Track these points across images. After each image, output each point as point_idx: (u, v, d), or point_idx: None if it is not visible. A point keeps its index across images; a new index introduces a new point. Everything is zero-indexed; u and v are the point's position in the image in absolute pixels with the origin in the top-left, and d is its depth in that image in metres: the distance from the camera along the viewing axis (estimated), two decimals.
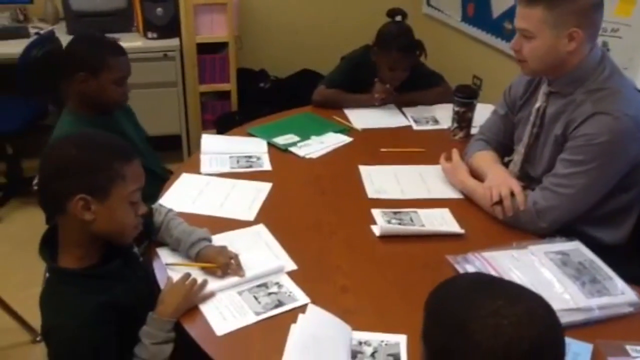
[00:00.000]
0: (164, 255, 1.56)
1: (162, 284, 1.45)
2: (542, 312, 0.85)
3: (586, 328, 1.31)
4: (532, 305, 0.85)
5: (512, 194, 1.68)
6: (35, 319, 2.16)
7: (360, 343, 1.28)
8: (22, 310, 2.40)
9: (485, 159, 1.92)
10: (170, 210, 1.64)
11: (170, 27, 3.52)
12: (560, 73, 1.68)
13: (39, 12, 3.77)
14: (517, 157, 1.85)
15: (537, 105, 1.77)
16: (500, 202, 1.69)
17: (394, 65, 2.42)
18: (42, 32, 3.45)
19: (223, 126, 3.52)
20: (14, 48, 3.13)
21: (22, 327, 2.40)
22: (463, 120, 2.27)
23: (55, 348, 1.27)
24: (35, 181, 1.79)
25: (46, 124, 3.44)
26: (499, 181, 1.74)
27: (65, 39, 3.36)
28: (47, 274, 1.36)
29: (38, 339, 2.40)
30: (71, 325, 1.24)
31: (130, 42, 3.50)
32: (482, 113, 2.24)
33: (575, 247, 1.55)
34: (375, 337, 1.29)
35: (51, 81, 3.31)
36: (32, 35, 3.42)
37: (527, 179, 1.83)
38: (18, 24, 3.69)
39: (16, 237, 3.02)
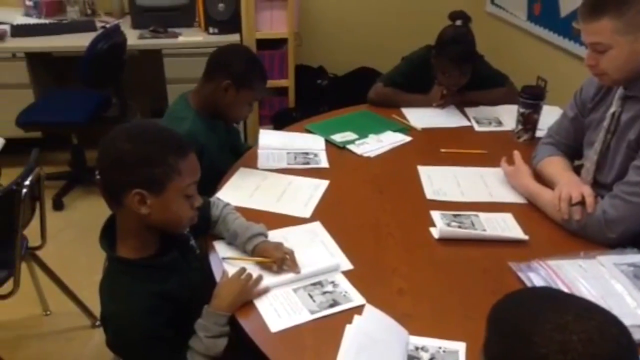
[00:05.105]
0: (221, 249, 1.57)
1: (218, 277, 1.46)
2: (615, 330, 0.80)
3: None
4: (604, 322, 0.80)
5: (583, 201, 1.61)
6: (95, 305, 2.24)
7: (417, 348, 1.24)
8: (84, 295, 2.48)
9: (556, 165, 1.85)
10: (227, 204, 1.65)
11: (231, 23, 3.56)
12: None
13: (106, 6, 3.90)
14: (589, 164, 1.76)
15: (612, 110, 1.68)
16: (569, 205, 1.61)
17: (446, 71, 2.37)
18: (108, 25, 3.55)
19: (279, 122, 3.54)
20: (82, 41, 3.23)
21: (82, 312, 2.48)
22: (528, 122, 2.19)
23: (112, 335, 1.29)
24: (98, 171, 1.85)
25: (109, 115, 3.55)
26: (570, 186, 1.67)
27: (129, 32, 3.48)
28: (106, 263, 1.39)
29: (97, 323, 2.47)
30: (127, 313, 1.26)
31: (192, 37, 3.56)
32: (547, 115, 2.17)
33: None
34: (433, 343, 1.25)
35: (115, 74, 3.42)
36: (99, 29, 3.53)
37: (597, 186, 1.74)
38: (86, 17, 3.82)
39: (79, 225, 3.12)
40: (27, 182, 1.99)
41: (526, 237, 1.62)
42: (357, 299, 1.38)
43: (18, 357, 2.34)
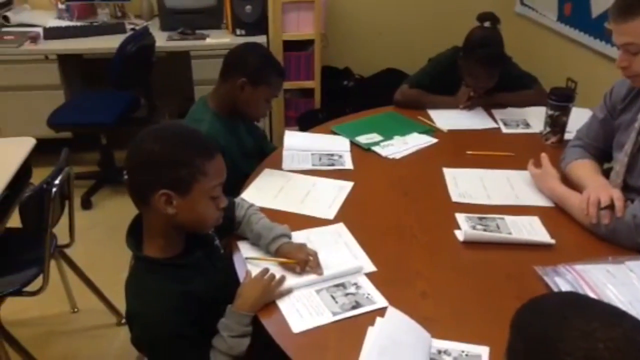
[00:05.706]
0: (245, 249, 1.58)
1: (241, 277, 1.47)
2: None
3: None
4: (631, 329, 0.78)
5: (612, 205, 1.57)
6: (121, 303, 2.28)
7: (439, 352, 1.23)
8: (110, 293, 2.52)
9: (585, 168, 1.81)
10: (251, 205, 1.66)
11: (258, 24, 3.59)
12: None
13: (136, 8, 3.96)
14: (620, 167, 1.72)
15: None
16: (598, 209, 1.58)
17: (473, 74, 2.34)
18: (137, 28, 3.61)
19: (305, 123, 3.54)
20: (111, 43, 3.29)
21: (109, 310, 2.52)
22: (556, 124, 2.15)
23: (137, 333, 1.31)
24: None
25: (138, 116, 3.60)
26: (599, 189, 1.64)
27: (158, 34, 3.52)
28: (132, 262, 1.41)
29: (123, 321, 2.51)
30: (152, 312, 1.28)
31: (219, 38, 3.60)
32: (577, 117, 2.13)
33: None
34: (456, 347, 1.24)
35: (144, 75, 3.47)
36: (128, 31, 3.59)
37: (627, 190, 1.70)
38: (116, 20, 3.89)
39: (107, 224, 3.17)
40: (57, 181, 2.03)
41: (553, 241, 1.59)
42: (379, 301, 1.38)
43: (46, 354, 2.39)
